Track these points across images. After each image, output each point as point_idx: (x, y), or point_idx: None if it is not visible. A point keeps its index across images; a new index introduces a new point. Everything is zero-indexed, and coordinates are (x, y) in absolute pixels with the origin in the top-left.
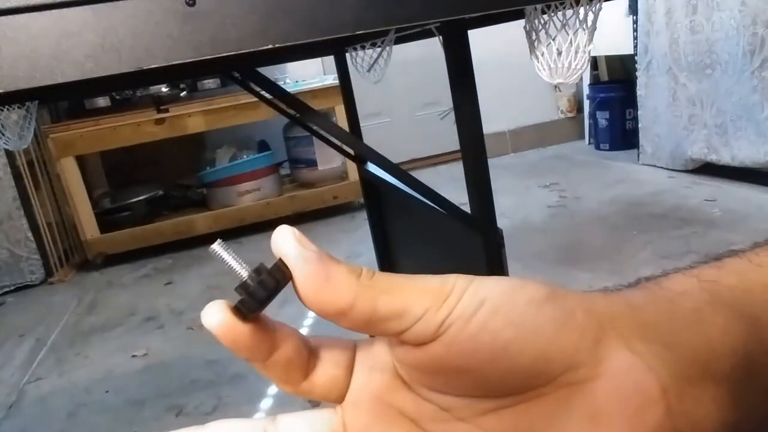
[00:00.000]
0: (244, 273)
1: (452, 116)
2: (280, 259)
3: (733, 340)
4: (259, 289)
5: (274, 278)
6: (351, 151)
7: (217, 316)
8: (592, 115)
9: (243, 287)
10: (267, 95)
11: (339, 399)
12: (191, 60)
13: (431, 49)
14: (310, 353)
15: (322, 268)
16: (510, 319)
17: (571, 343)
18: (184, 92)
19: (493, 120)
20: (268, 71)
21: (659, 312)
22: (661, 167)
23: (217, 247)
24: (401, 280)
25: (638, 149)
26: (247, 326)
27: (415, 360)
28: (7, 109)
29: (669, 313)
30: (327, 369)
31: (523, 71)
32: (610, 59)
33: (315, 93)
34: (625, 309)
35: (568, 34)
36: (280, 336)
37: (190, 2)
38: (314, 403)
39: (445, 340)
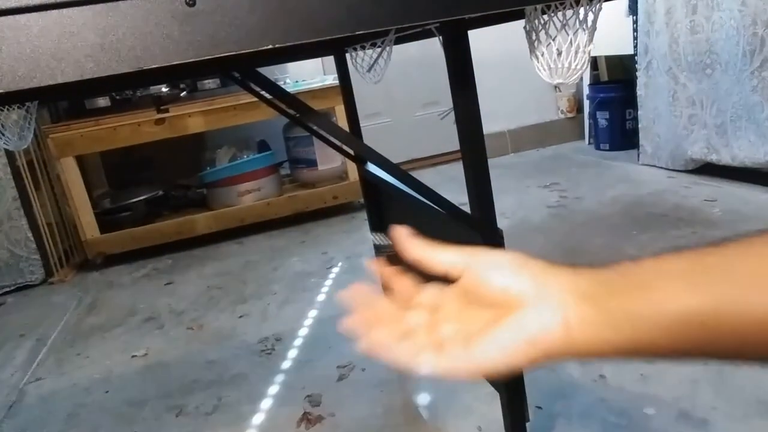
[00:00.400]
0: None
1: (452, 116)
2: (395, 244)
3: (633, 303)
4: (387, 251)
5: (394, 255)
6: (351, 152)
7: (375, 263)
8: (592, 115)
9: (384, 248)
10: (267, 95)
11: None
12: (191, 60)
13: (431, 49)
14: (416, 289)
15: (411, 243)
16: (497, 267)
17: (526, 286)
18: (184, 92)
19: (493, 120)
20: (268, 71)
21: (598, 282)
22: (661, 167)
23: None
24: (449, 246)
25: (638, 149)
26: (389, 267)
27: (456, 288)
28: (7, 109)
29: (604, 282)
30: (428, 291)
31: (523, 71)
32: (610, 59)
33: (315, 93)
34: (579, 280)
35: (568, 35)
36: (401, 278)
37: (190, 2)
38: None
39: (466, 276)
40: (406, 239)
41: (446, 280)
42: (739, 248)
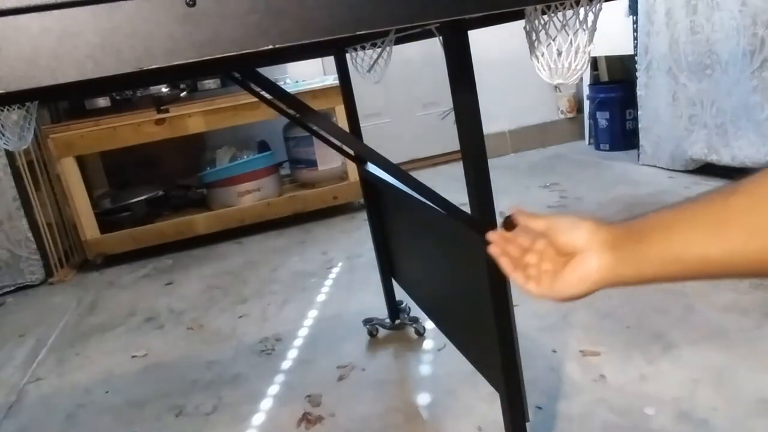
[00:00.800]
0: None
1: (452, 116)
2: (513, 214)
3: (642, 247)
4: (508, 219)
5: (512, 220)
6: (351, 152)
7: (494, 232)
8: (592, 116)
9: (505, 218)
10: (267, 95)
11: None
12: (192, 60)
13: (431, 49)
14: (533, 241)
15: (521, 214)
16: (564, 228)
17: (579, 241)
18: (185, 92)
19: (493, 120)
20: (268, 71)
21: (619, 236)
22: (662, 167)
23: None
24: (543, 215)
25: (638, 149)
26: (507, 232)
27: (549, 241)
28: (8, 109)
29: (622, 236)
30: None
31: (523, 71)
32: (610, 59)
33: (315, 93)
34: (609, 236)
35: (568, 35)
36: (516, 238)
37: (191, 2)
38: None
39: (551, 235)
40: (520, 213)
41: (545, 235)
42: (700, 205)
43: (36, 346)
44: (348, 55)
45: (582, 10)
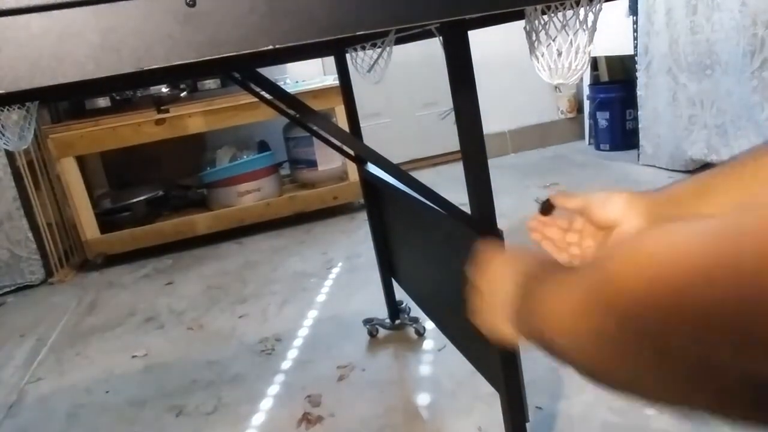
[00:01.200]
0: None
1: (452, 116)
2: (550, 197)
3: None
4: (546, 204)
5: (550, 203)
6: (351, 152)
7: (534, 218)
8: (593, 116)
9: (543, 203)
10: (267, 96)
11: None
12: (192, 60)
13: (431, 50)
14: (570, 222)
15: (556, 197)
16: (601, 203)
17: (617, 214)
18: (185, 92)
19: (493, 120)
20: (268, 71)
21: (654, 205)
22: (662, 168)
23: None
24: (579, 195)
25: (638, 150)
26: (545, 216)
27: (587, 219)
28: (8, 110)
29: (657, 206)
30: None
31: (523, 72)
32: (610, 60)
33: (315, 93)
34: (644, 206)
35: (568, 35)
36: (554, 221)
37: (191, 3)
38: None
39: (588, 212)
40: (557, 195)
41: (582, 214)
42: (731, 170)
43: (36, 346)
44: (348, 56)
45: (582, 11)
